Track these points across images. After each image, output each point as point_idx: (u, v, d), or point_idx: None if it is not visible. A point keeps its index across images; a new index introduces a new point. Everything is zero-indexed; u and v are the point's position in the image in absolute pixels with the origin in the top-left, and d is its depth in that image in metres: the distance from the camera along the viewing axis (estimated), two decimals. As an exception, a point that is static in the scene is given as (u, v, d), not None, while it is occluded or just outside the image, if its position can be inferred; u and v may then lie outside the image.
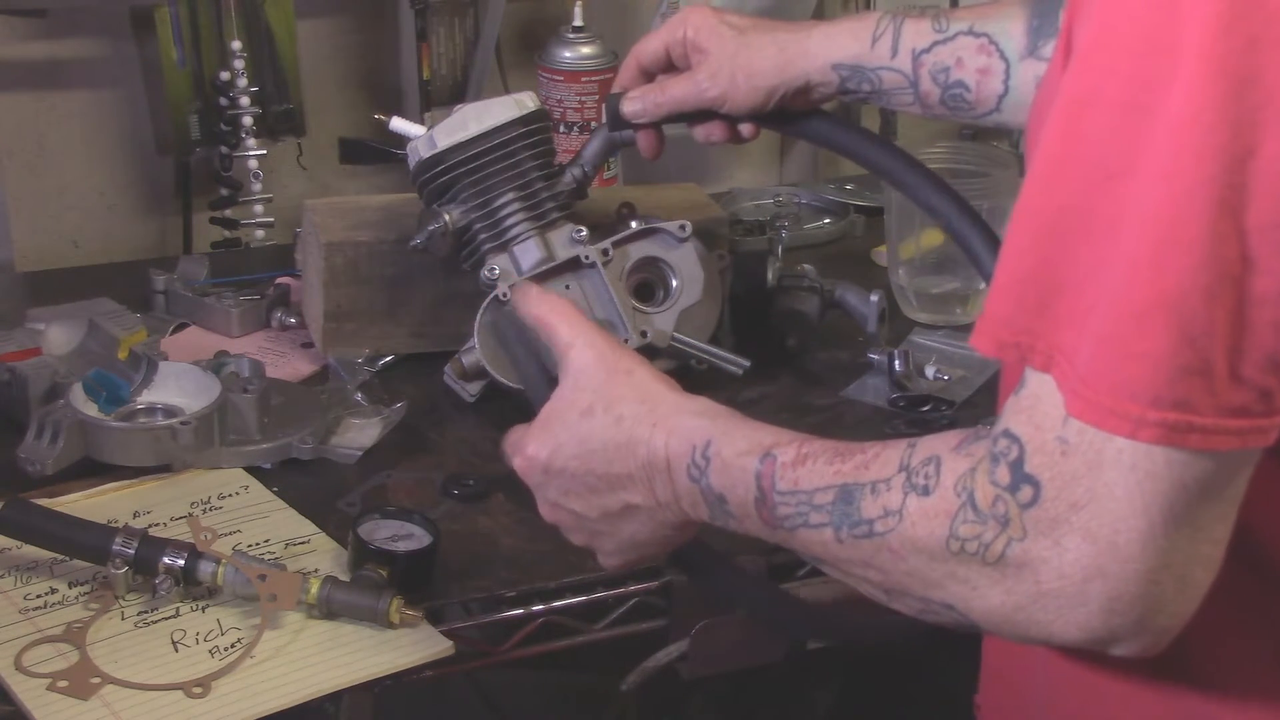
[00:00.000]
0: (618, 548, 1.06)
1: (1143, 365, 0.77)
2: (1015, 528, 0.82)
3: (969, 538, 0.84)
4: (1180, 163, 0.75)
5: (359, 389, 1.58)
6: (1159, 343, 0.76)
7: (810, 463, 0.93)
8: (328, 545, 1.34)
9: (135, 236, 2.07)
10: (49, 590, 1.27)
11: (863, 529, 0.89)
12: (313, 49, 2.08)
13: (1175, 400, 0.77)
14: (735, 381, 1.61)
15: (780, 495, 0.94)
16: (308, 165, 2.11)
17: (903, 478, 0.88)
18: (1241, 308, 0.76)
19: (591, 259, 1.55)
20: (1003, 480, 0.82)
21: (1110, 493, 0.79)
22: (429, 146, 1.56)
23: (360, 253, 1.63)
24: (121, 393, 1.47)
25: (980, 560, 0.83)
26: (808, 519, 0.92)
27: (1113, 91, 0.78)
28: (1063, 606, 0.82)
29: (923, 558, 0.86)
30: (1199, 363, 0.76)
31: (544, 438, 1.05)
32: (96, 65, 2.00)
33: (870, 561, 0.89)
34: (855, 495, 0.90)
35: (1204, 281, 0.75)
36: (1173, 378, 0.76)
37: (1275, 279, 0.76)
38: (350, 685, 1.19)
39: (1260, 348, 0.77)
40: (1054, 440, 0.80)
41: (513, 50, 2.15)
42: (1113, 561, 0.80)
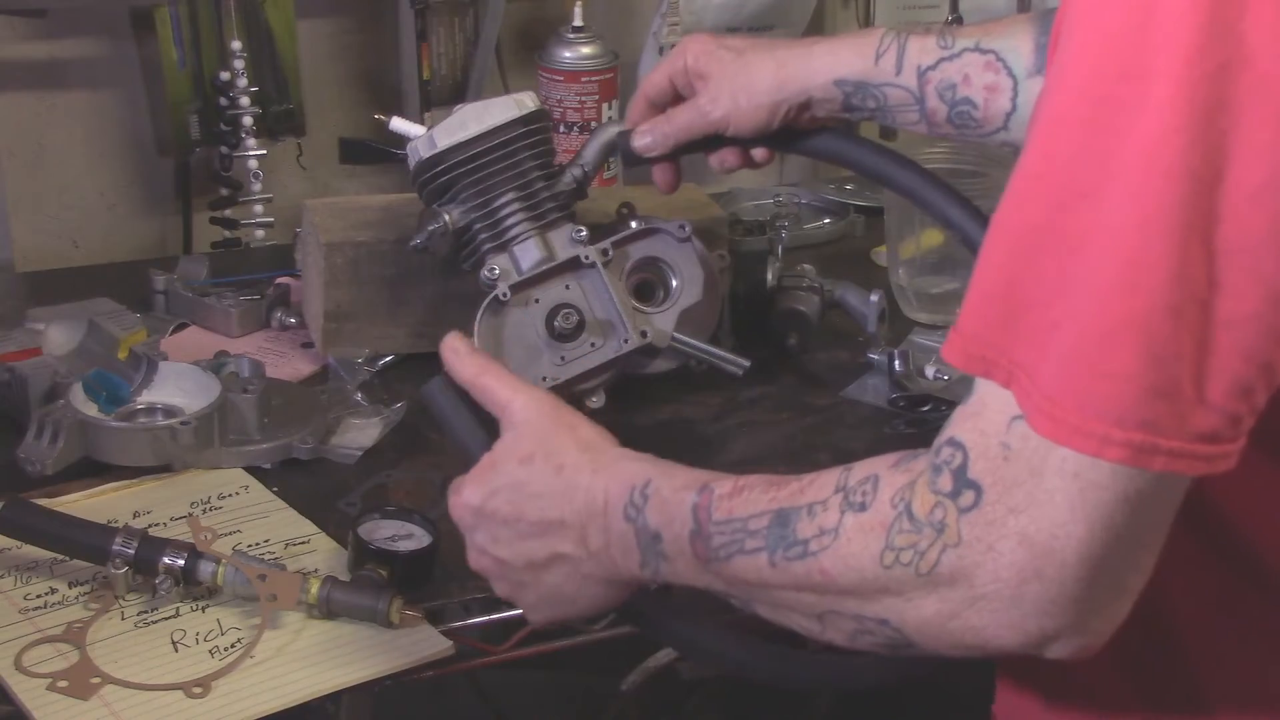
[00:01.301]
0: (540, 600, 1.05)
1: (1110, 384, 0.77)
2: (951, 534, 0.82)
3: (904, 547, 0.84)
4: (1149, 184, 0.76)
5: (359, 389, 1.58)
6: (1126, 362, 0.76)
7: (746, 493, 0.93)
8: (328, 545, 1.34)
9: (135, 236, 2.07)
10: (49, 590, 1.27)
11: (797, 550, 0.89)
12: (313, 49, 2.08)
13: (1142, 421, 0.77)
14: (735, 381, 1.61)
15: (715, 525, 0.93)
16: (308, 165, 2.11)
17: (840, 498, 0.88)
18: (1208, 330, 0.76)
19: (591, 259, 1.55)
20: (944, 488, 0.83)
21: (1050, 499, 0.79)
22: (429, 146, 1.56)
23: (360, 253, 1.63)
24: (121, 393, 1.47)
25: (914, 572, 0.83)
26: (742, 545, 0.91)
27: (1085, 111, 0.79)
28: (997, 609, 0.82)
29: (855, 575, 0.86)
30: (1166, 384, 0.76)
31: (480, 482, 1.05)
32: (96, 65, 2.00)
33: (803, 583, 0.89)
34: (791, 518, 0.90)
35: (1171, 302, 0.76)
36: (1140, 398, 0.77)
37: (1243, 302, 0.76)
38: (350, 685, 1.19)
39: (1228, 371, 0.77)
40: (997, 445, 0.81)
41: (513, 50, 2.15)
42: (1049, 565, 0.80)
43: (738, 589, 0.94)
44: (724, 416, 1.61)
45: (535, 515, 1.02)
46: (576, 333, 1.54)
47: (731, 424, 1.60)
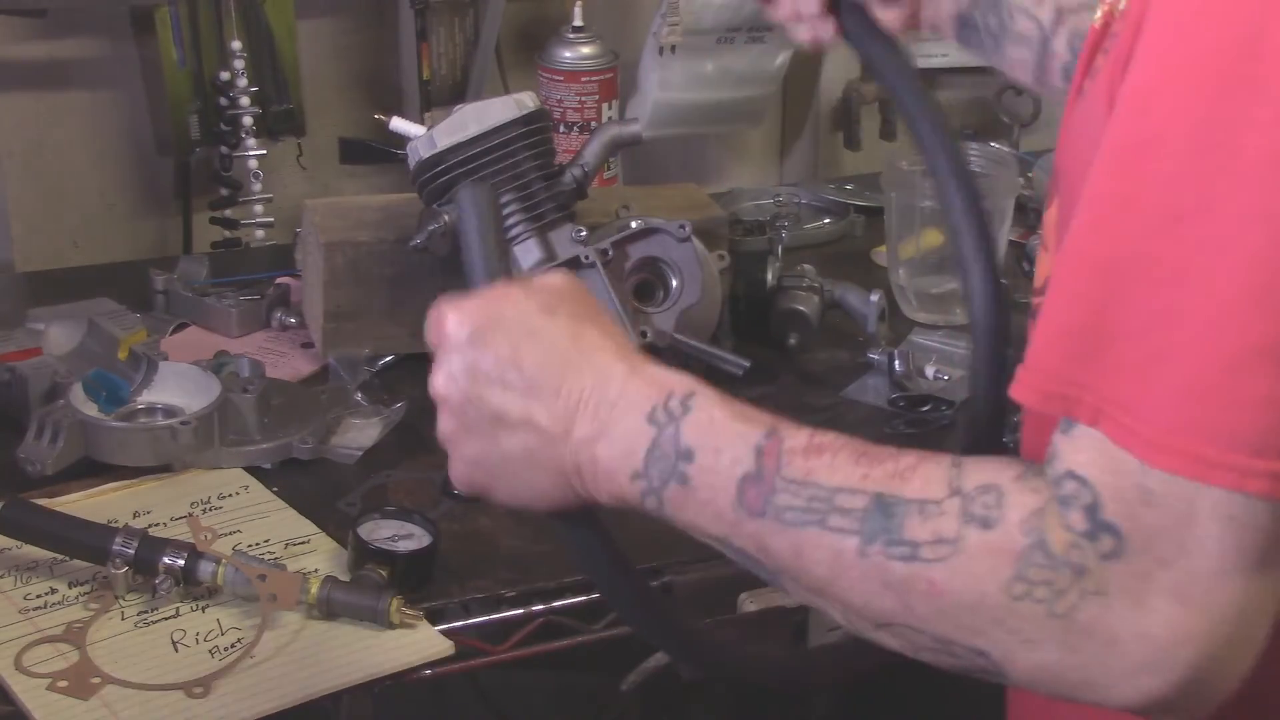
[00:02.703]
0: (478, 457, 0.91)
1: (1245, 413, 0.73)
2: (1091, 580, 0.75)
3: (1039, 582, 0.76)
4: (1274, 202, 0.72)
5: (359, 389, 1.58)
6: (1260, 389, 0.72)
7: (828, 456, 0.83)
8: (328, 545, 1.34)
9: (135, 236, 2.07)
10: (49, 590, 1.27)
11: (902, 550, 0.79)
12: (313, 49, 2.08)
13: None
14: (735, 381, 1.61)
15: (786, 481, 0.83)
16: (308, 165, 2.11)
17: (957, 504, 0.79)
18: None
19: (591, 259, 1.55)
20: (1077, 526, 0.76)
21: (1202, 548, 0.74)
22: (429, 146, 1.56)
23: (360, 253, 1.63)
24: (121, 393, 1.47)
25: (1046, 610, 0.76)
26: (824, 520, 0.82)
27: (1181, 133, 0.74)
28: (1135, 671, 0.75)
29: (975, 597, 0.78)
30: None
31: (487, 308, 0.90)
32: (96, 65, 2.00)
33: (892, 586, 0.80)
34: (896, 510, 0.80)
35: None
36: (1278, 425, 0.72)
37: None
38: (350, 685, 1.19)
39: None
40: (1134, 488, 0.75)
41: (513, 50, 2.15)
42: (1204, 624, 0.74)
43: (783, 562, 0.84)
44: (724, 416, 1.61)
45: (531, 369, 0.87)
46: (576, 333, 1.54)
47: (731, 424, 1.59)
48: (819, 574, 0.83)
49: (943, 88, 2.42)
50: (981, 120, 2.37)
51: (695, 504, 0.86)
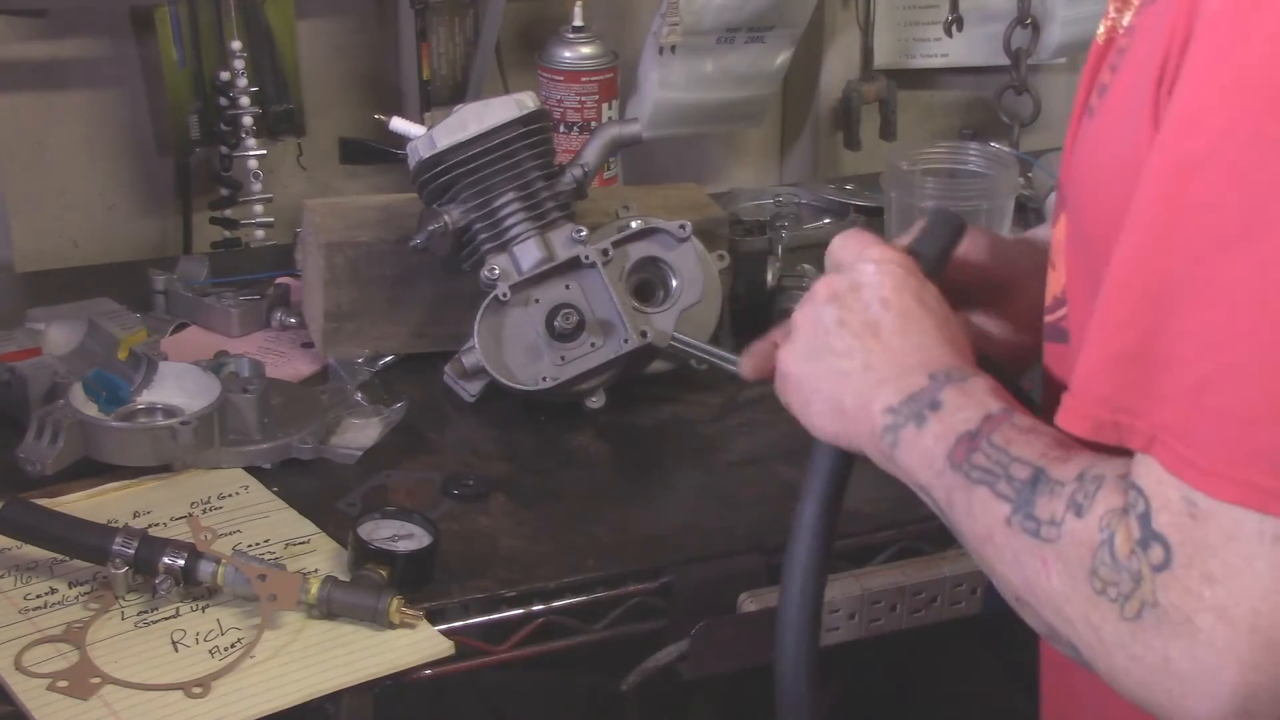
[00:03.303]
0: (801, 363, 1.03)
1: None
2: (1147, 590, 0.76)
3: (1109, 581, 0.77)
4: None
5: (359, 389, 1.58)
6: None
7: (1032, 435, 0.86)
8: (328, 545, 1.34)
9: (135, 236, 2.07)
10: (49, 590, 1.27)
11: (1031, 525, 0.82)
12: (313, 49, 2.08)
13: None
14: (735, 381, 1.61)
15: (989, 445, 0.86)
16: (308, 165, 2.11)
17: (1073, 487, 0.81)
18: None
19: (591, 259, 1.55)
20: (1134, 533, 0.76)
21: (1251, 568, 0.73)
22: (429, 146, 1.56)
23: (360, 253, 1.63)
24: (121, 393, 1.47)
25: (1118, 612, 0.77)
26: (995, 484, 0.85)
27: (1229, 154, 0.74)
28: (1185, 691, 0.75)
29: (1066, 584, 0.80)
30: None
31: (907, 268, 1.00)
32: (96, 65, 2.00)
33: (1022, 560, 0.82)
34: (1041, 487, 0.82)
35: None
36: None
37: None
38: (350, 685, 1.19)
39: None
40: (1181, 500, 0.75)
41: (513, 50, 2.15)
42: (1250, 647, 0.73)
43: (959, 519, 0.88)
44: (724, 416, 1.61)
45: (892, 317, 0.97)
46: (576, 333, 1.54)
47: (731, 424, 1.60)
48: (979, 533, 0.86)
49: (943, 88, 2.42)
50: (982, 120, 2.37)
51: (920, 448, 0.91)
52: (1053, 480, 0.82)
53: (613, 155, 1.71)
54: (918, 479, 0.92)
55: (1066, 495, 0.81)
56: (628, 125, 1.67)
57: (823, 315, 1.01)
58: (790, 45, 2.16)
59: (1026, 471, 0.84)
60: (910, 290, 0.99)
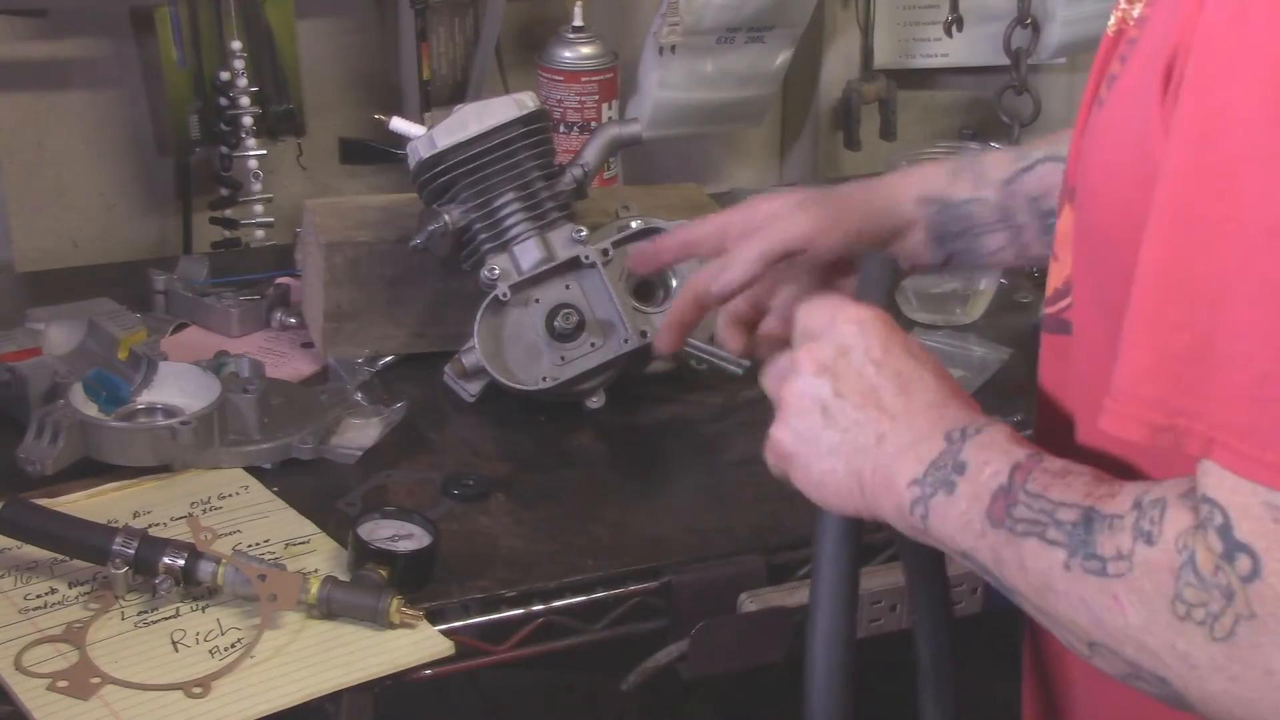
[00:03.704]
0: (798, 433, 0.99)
1: None
2: (1241, 603, 0.73)
3: (1195, 604, 0.75)
4: None
5: (359, 389, 1.58)
6: None
7: (1072, 478, 0.84)
8: (328, 545, 1.34)
9: (135, 236, 2.07)
10: (49, 590, 1.27)
11: (1095, 564, 0.79)
12: (313, 49, 2.08)
13: None
14: (735, 381, 1.61)
15: (1027, 494, 0.84)
16: (308, 165, 2.11)
17: (1134, 517, 0.79)
18: None
19: (591, 259, 1.55)
20: (1216, 547, 0.74)
21: None
22: (429, 146, 1.56)
23: (360, 253, 1.63)
24: (121, 393, 1.47)
25: (1206, 634, 0.75)
26: (1044, 532, 0.82)
27: (1269, 147, 0.73)
28: None
29: (1145, 615, 0.77)
30: None
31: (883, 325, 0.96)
32: (96, 65, 2.00)
33: (1090, 602, 0.80)
34: (1095, 524, 0.80)
35: None
36: None
37: None
38: (350, 685, 1.19)
39: None
40: (1261, 506, 0.73)
41: (513, 50, 2.15)
42: None
43: (1012, 575, 0.85)
44: (724, 416, 1.61)
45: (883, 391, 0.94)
46: (576, 333, 1.54)
47: (731, 424, 1.60)
48: (1035, 585, 0.84)
49: (943, 88, 2.42)
50: (982, 120, 2.37)
51: (954, 514, 0.88)
52: (1108, 516, 0.80)
53: (613, 155, 1.71)
54: (959, 546, 0.88)
55: (1129, 526, 0.79)
56: (628, 125, 1.67)
57: (816, 390, 0.97)
58: (790, 45, 2.16)
59: (1074, 514, 0.82)
60: (898, 345, 0.95)
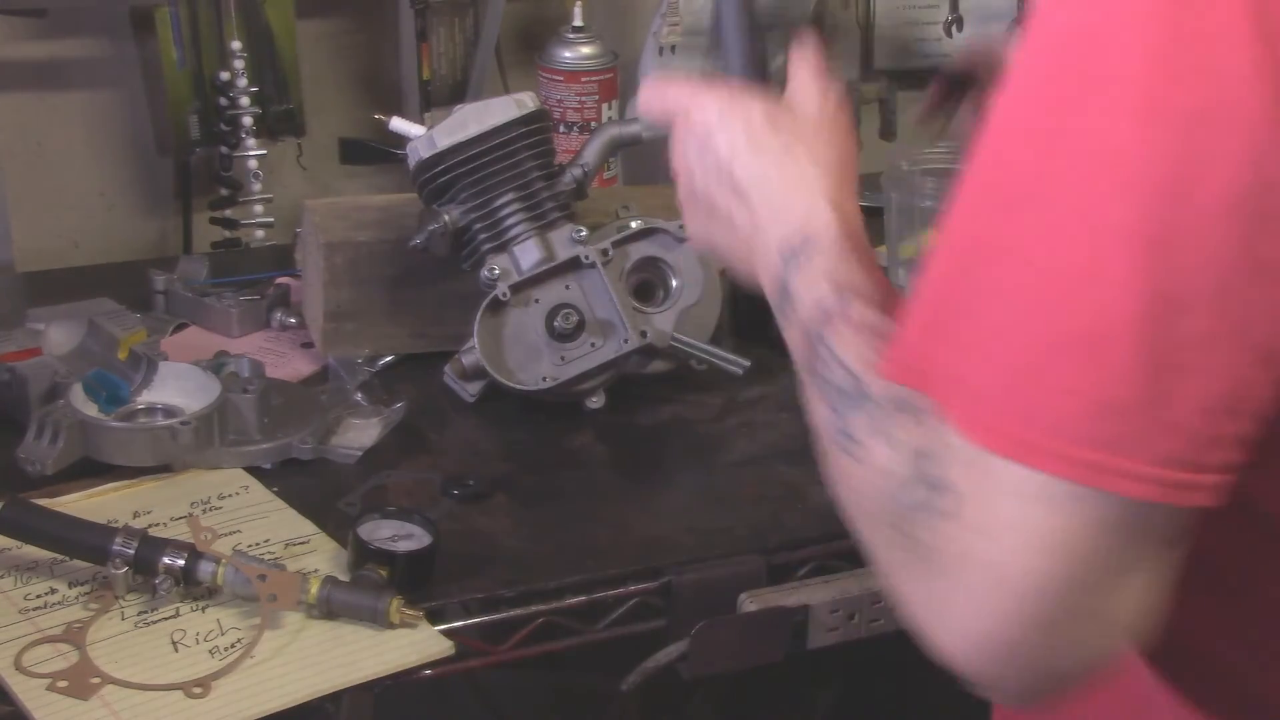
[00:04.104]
0: (701, 225, 1.07)
1: (1061, 399, 0.73)
2: (936, 531, 0.77)
3: (900, 516, 0.79)
4: (1104, 194, 0.72)
5: (359, 389, 1.58)
6: (1077, 376, 0.72)
7: (862, 335, 0.89)
8: (328, 545, 1.34)
9: (135, 236, 2.07)
10: (49, 590, 1.27)
11: (844, 440, 0.84)
12: (313, 49, 2.08)
13: (1095, 439, 0.72)
14: (735, 381, 1.61)
15: (823, 344, 0.90)
16: (308, 165, 2.11)
17: (885, 410, 0.82)
18: (1171, 349, 0.72)
19: (591, 259, 1.55)
20: (932, 477, 0.78)
21: (1011, 524, 0.74)
22: (429, 146, 1.56)
23: (360, 253, 1.63)
24: (121, 393, 1.47)
25: (905, 543, 0.79)
26: (824, 388, 0.88)
27: (1027, 118, 0.75)
28: (955, 636, 0.77)
29: (865, 506, 0.83)
30: (1123, 401, 0.72)
31: (727, 110, 1.04)
32: (96, 65, 2.00)
33: (834, 471, 0.85)
34: (855, 399, 0.84)
35: (1126, 317, 0.71)
36: (1094, 414, 0.72)
37: (1209, 321, 0.71)
38: (350, 685, 1.19)
39: (1194, 395, 0.72)
40: (966, 451, 0.76)
41: (513, 50, 2.15)
42: (1010, 603, 0.75)
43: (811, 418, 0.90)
44: (724, 416, 1.61)
45: (742, 177, 1.02)
46: (576, 333, 1.54)
47: (731, 424, 1.60)
48: (817, 432, 0.89)
49: (943, 88, 2.42)
50: (981, 120, 2.37)
51: (792, 340, 0.96)
52: (865, 396, 0.84)
53: (613, 155, 1.71)
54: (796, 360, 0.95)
55: (878, 419, 0.83)
56: (628, 125, 1.67)
57: (693, 177, 1.05)
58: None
59: (846, 379, 0.86)
60: (743, 143, 1.01)
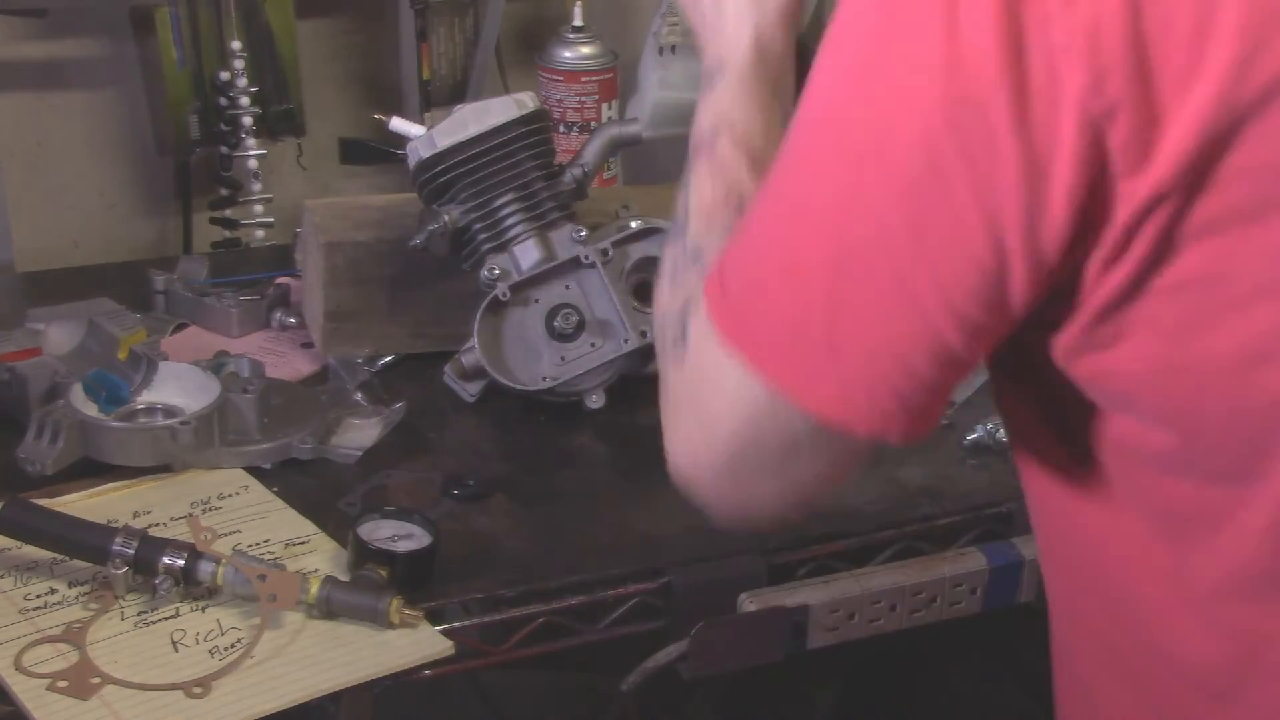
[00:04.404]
0: None
1: (770, 316, 0.86)
2: (673, 373, 0.95)
3: (662, 344, 0.97)
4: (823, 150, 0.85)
5: (359, 389, 1.58)
6: (783, 302, 0.86)
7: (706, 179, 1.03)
8: (328, 545, 1.34)
9: (135, 236, 2.08)
10: (49, 590, 1.27)
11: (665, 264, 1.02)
12: (313, 49, 2.08)
13: (786, 359, 0.86)
14: (735, 381, 1.61)
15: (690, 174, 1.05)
16: (308, 165, 2.11)
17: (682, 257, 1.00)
18: (846, 296, 0.84)
19: (591, 259, 1.55)
20: (685, 326, 0.94)
21: (715, 390, 0.89)
22: (429, 146, 1.56)
23: (360, 253, 1.63)
24: (121, 393, 1.47)
25: (663, 364, 0.96)
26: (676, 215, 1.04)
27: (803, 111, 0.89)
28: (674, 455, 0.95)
29: (655, 332, 1.02)
30: (807, 332, 0.85)
31: None
32: (96, 65, 2.00)
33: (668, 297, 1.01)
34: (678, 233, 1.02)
35: (818, 263, 0.84)
36: (789, 337, 0.85)
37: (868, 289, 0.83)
38: (350, 685, 1.19)
39: (857, 349, 0.84)
40: (707, 324, 0.89)
41: (513, 50, 2.15)
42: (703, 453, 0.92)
43: None
44: (724, 416, 1.61)
45: None
46: (576, 333, 1.54)
47: (731, 424, 1.59)
48: None
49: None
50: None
51: None
52: (682, 233, 1.02)
53: (613, 155, 1.71)
54: None
55: (678, 259, 1.00)
56: (628, 125, 1.67)
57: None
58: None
59: (681, 212, 1.03)
60: None
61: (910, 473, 1.50)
